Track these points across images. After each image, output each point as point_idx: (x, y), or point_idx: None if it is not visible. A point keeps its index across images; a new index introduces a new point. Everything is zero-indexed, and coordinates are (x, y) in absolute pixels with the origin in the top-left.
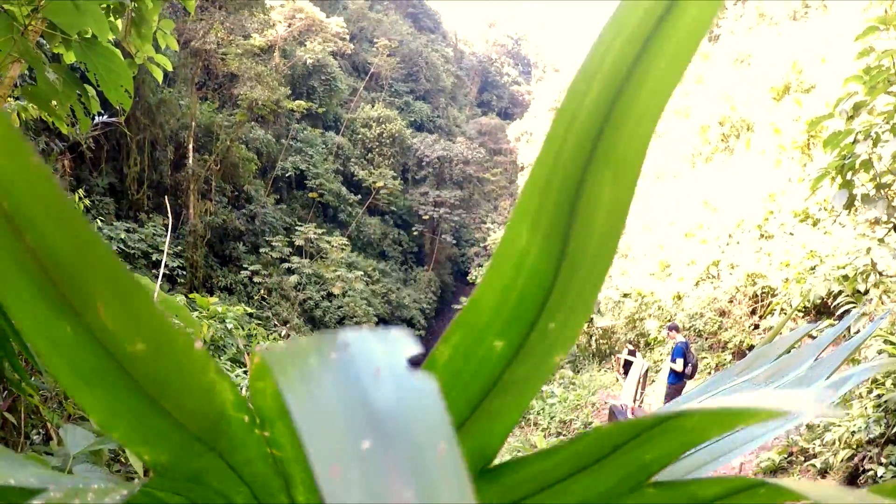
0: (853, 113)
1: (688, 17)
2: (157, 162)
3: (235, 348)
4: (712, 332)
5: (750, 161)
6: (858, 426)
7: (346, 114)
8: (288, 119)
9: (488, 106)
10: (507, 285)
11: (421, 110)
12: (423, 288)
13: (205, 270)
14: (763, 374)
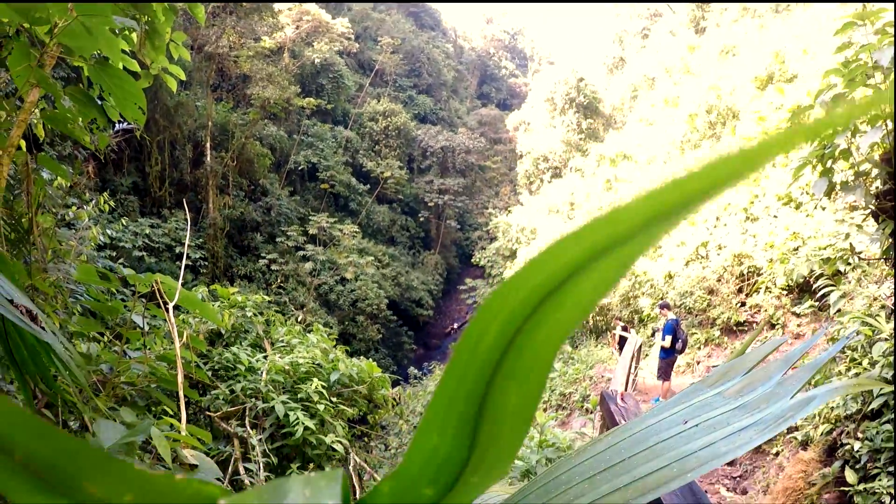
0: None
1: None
2: (177, 161)
3: (255, 334)
4: (702, 310)
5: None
6: (837, 402)
7: (354, 109)
8: (299, 115)
9: (488, 98)
10: (424, 466)
11: (424, 103)
12: (430, 270)
13: (225, 260)
14: (734, 388)
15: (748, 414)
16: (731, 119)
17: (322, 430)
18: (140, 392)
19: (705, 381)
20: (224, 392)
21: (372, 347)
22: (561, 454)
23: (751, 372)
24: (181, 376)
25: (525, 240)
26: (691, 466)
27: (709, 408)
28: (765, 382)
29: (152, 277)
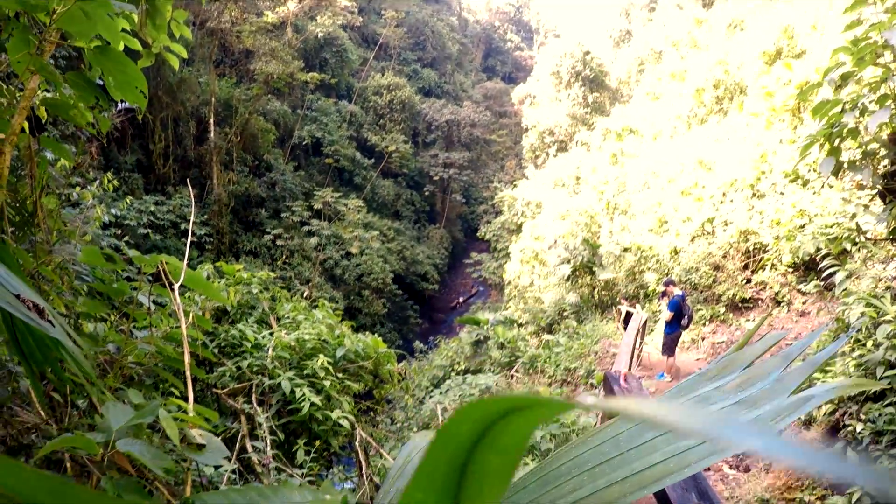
0: (841, 83)
1: None
2: (181, 137)
3: (261, 310)
4: (707, 286)
5: (743, 123)
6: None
7: (358, 83)
8: (302, 90)
9: (493, 71)
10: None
11: (429, 77)
12: (435, 244)
13: (230, 236)
14: (733, 384)
15: (746, 410)
16: (738, 94)
17: (328, 405)
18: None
19: (704, 374)
20: (231, 369)
21: (377, 322)
22: (565, 430)
23: (750, 367)
24: (188, 356)
25: (530, 213)
26: (689, 461)
27: (708, 402)
28: (764, 379)
29: (157, 258)
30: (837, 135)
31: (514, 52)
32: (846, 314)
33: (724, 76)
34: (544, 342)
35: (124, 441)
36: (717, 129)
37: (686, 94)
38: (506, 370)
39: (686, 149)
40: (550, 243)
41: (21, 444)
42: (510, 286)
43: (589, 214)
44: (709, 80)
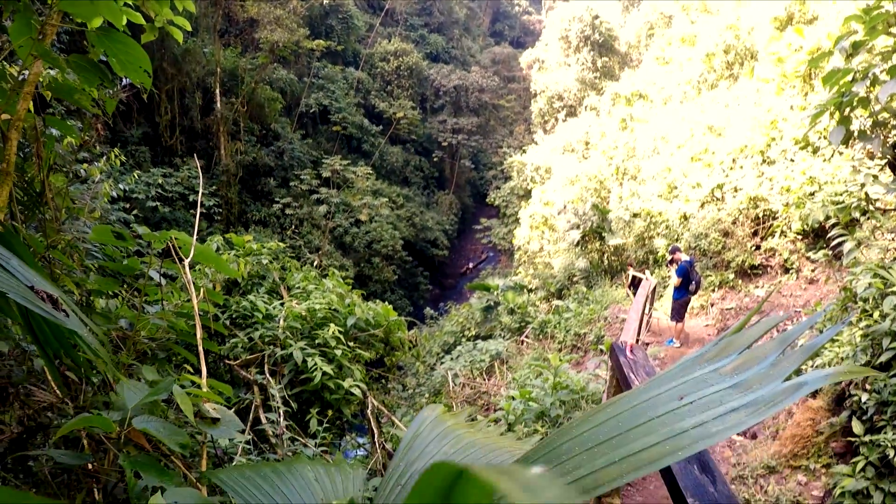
0: (852, 51)
1: None
2: (187, 109)
3: (272, 281)
4: (716, 252)
5: (753, 89)
6: (847, 353)
7: (365, 49)
8: (309, 58)
9: (501, 36)
10: None
11: (436, 42)
12: (445, 210)
13: (239, 206)
14: (730, 366)
15: (741, 394)
16: (749, 59)
17: (340, 374)
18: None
19: (704, 355)
20: (243, 340)
21: (388, 289)
22: (574, 396)
23: (747, 350)
24: (200, 331)
25: (539, 179)
26: (683, 444)
27: (705, 385)
28: (760, 362)
29: (167, 234)
30: (848, 104)
31: (522, 17)
32: (853, 284)
33: (735, 41)
34: (554, 308)
35: (140, 418)
36: (727, 95)
37: (696, 59)
38: (516, 335)
39: (696, 114)
40: (560, 209)
41: (39, 424)
42: (520, 252)
43: (598, 180)
44: (719, 45)
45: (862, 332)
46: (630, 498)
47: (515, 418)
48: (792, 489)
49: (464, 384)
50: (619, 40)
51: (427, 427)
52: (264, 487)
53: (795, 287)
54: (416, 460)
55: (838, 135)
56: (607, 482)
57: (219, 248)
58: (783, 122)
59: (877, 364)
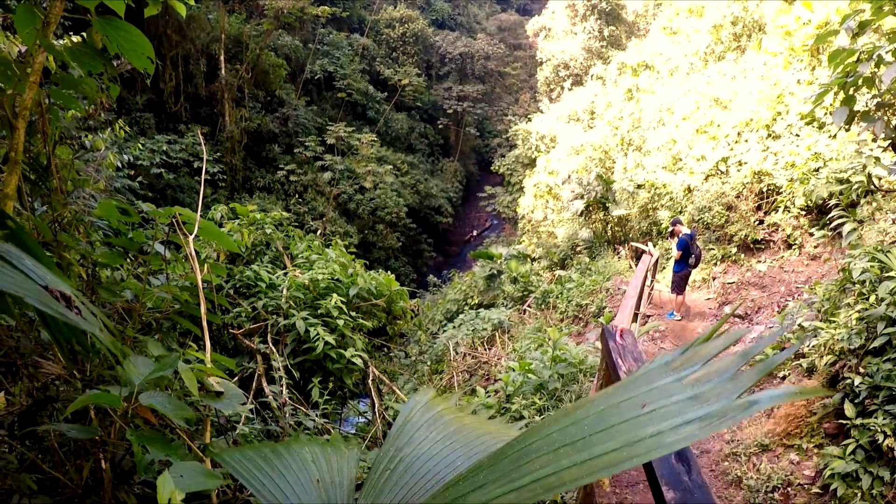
0: (858, 31)
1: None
2: (192, 75)
3: (275, 250)
4: (719, 226)
5: (760, 62)
6: (841, 335)
7: (370, 16)
8: (314, 24)
9: (507, 2)
10: None
11: (442, 9)
12: (449, 178)
13: (243, 173)
14: (693, 377)
15: (698, 406)
16: (756, 32)
17: (342, 343)
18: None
19: (670, 363)
20: (246, 309)
21: (392, 255)
22: (572, 370)
23: (711, 361)
24: (204, 306)
25: (545, 148)
26: (639, 452)
27: (667, 394)
28: (721, 375)
29: (172, 210)
30: (852, 84)
31: None
32: (851, 265)
33: (743, 13)
34: (557, 277)
35: (146, 395)
36: (734, 67)
37: (703, 31)
38: (518, 304)
39: (702, 86)
40: (564, 178)
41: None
42: (524, 220)
43: (603, 150)
44: (727, 17)
45: (858, 314)
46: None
47: (514, 390)
48: (784, 468)
49: (465, 354)
50: (627, 9)
51: (418, 412)
52: (264, 467)
53: (798, 263)
54: (405, 446)
55: (841, 115)
56: (569, 482)
57: (222, 217)
58: (790, 97)
59: (870, 348)
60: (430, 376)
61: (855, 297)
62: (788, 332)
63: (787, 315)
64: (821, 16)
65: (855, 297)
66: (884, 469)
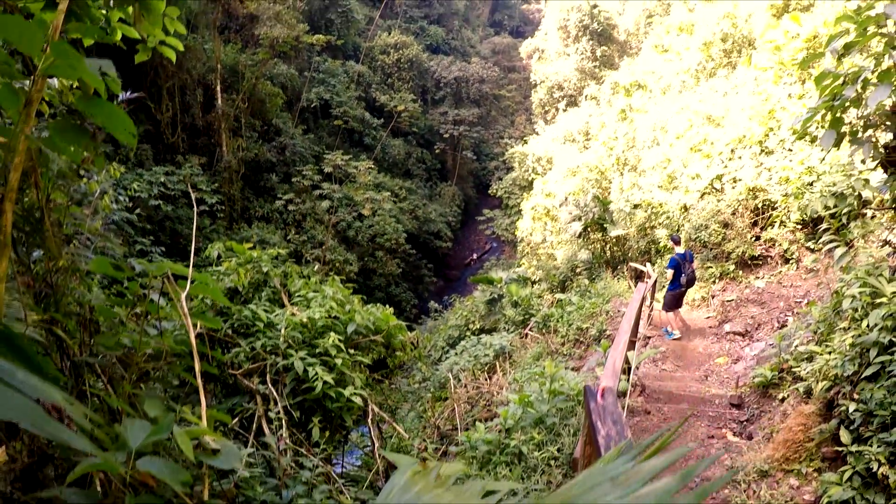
0: (844, 52)
1: None
2: (188, 106)
3: (273, 287)
4: (716, 243)
5: (751, 77)
6: (835, 362)
7: (365, 42)
8: (309, 53)
9: (500, 26)
10: None
11: (436, 34)
12: (447, 202)
13: (242, 203)
14: (631, 497)
15: None
16: (746, 47)
17: (341, 381)
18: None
19: (614, 478)
20: (245, 349)
21: (392, 282)
22: (570, 403)
23: (652, 479)
24: (198, 364)
25: (541, 169)
26: None
27: None
28: (658, 497)
29: (163, 267)
30: (839, 107)
31: (521, 6)
32: (843, 290)
33: (732, 30)
34: (557, 301)
35: (144, 460)
36: (725, 84)
37: (694, 48)
38: (520, 328)
39: (695, 104)
40: (561, 200)
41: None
42: (523, 243)
43: (599, 170)
44: (717, 34)
45: (851, 340)
46: None
47: (514, 423)
48: (784, 493)
49: (466, 385)
50: (618, 28)
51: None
52: None
53: (796, 277)
54: None
55: (829, 138)
56: None
57: (219, 255)
58: (781, 111)
59: (865, 374)
60: (432, 404)
61: (848, 321)
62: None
63: (785, 336)
64: (809, 29)
65: (848, 322)
66: (880, 496)
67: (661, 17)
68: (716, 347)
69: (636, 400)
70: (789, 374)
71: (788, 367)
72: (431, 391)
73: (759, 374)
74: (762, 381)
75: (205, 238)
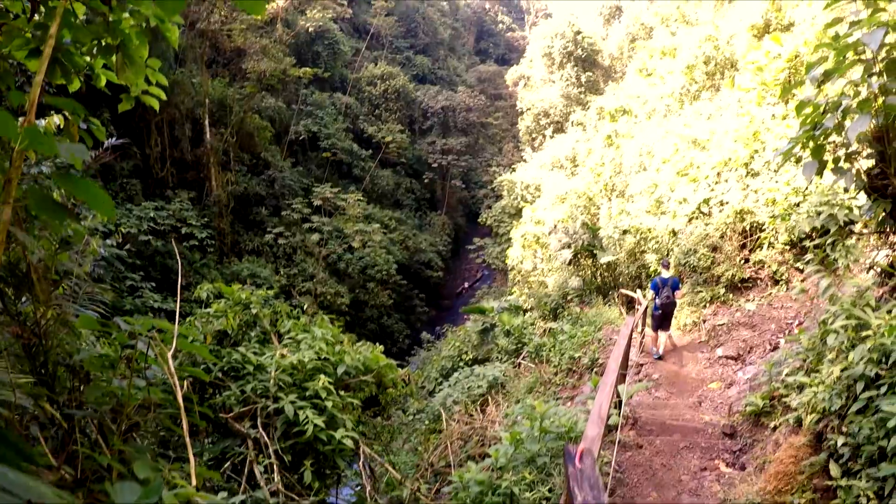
0: (824, 79)
1: None
2: (177, 140)
3: (262, 329)
4: (706, 268)
5: (735, 99)
6: (822, 396)
7: (352, 74)
8: (296, 85)
9: (486, 54)
10: None
11: (422, 64)
12: (437, 231)
13: (232, 237)
14: None
15: None
16: (729, 69)
17: (333, 423)
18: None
19: None
20: (235, 393)
21: (384, 313)
22: (561, 442)
23: None
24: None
25: (530, 197)
26: None
27: None
28: None
29: (148, 323)
30: (821, 136)
31: (506, 34)
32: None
33: (714, 52)
34: (549, 330)
35: None
36: (709, 106)
37: (677, 72)
38: (513, 358)
39: (680, 128)
40: (551, 228)
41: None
42: (513, 272)
43: (587, 196)
44: (699, 57)
45: (837, 373)
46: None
47: (506, 461)
48: None
49: (459, 420)
50: (602, 53)
51: None
52: None
53: (786, 298)
54: None
55: (811, 168)
56: None
57: (209, 296)
58: (766, 133)
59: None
60: (426, 438)
61: (835, 353)
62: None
63: (775, 363)
64: (790, 48)
65: (835, 354)
66: None
67: (644, 40)
68: (709, 372)
69: (628, 434)
70: (780, 403)
71: (779, 396)
72: (426, 423)
73: (751, 402)
74: (754, 409)
75: (195, 272)
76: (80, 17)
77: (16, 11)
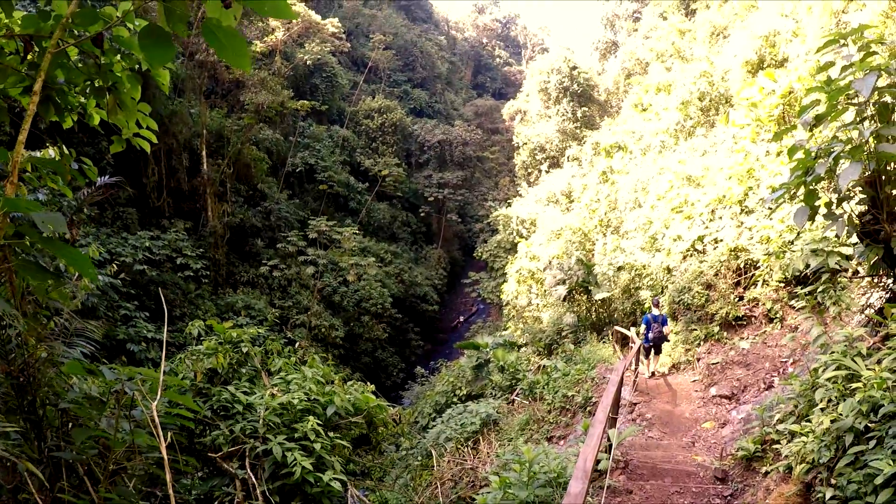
0: (815, 123)
1: None
2: (174, 170)
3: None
4: (700, 305)
5: (729, 135)
6: (812, 447)
7: (349, 107)
8: (294, 118)
9: (483, 88)
10: None
11: (419, 97)
12: (433, 265)
13: (227, 268)
14: None
15: None
16: (724, 105)
17: (321, 465)
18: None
19: None
20: (224, 432)
21: (379, 346)
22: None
23: None
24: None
25: (525, 232)
26: None
27: None
28: None
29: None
30: (812, 181)
31: (502, 68)
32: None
33: (709, 88)
34: (542, 368)
35: None
36: (704, 142)
37: (672, 108)
38: (507, 394)
39: (674, 165)
40: (545, 264)
41: None
42: (509, 306)
43: (582, 232)
44: (694, 93)
45: (827, 424)
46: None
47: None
48: None
49: (449, 461)
50: (598, 88)
51: None
52: None
53: (780, 336)
54: None
55: (803, 215)
56: None
57: (200, 333)
58: (760, 170)
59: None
60: (418, 474)
61: (825, 402)
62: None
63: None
64: (784, 84)
65: (826, 403)
66: None
67: (639, 75)
68: (702, 412)
69: (618, 479)
70: (772, 449)
71: (771, 441)
72: (419, 460)
73: (743, 447)
74: (745, 454)
75: (190, 303)
76: (73, 59)
77: (10, 50)
